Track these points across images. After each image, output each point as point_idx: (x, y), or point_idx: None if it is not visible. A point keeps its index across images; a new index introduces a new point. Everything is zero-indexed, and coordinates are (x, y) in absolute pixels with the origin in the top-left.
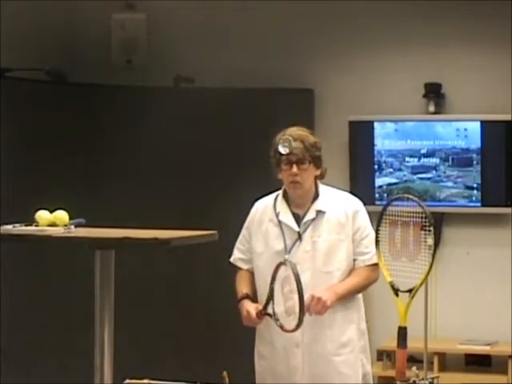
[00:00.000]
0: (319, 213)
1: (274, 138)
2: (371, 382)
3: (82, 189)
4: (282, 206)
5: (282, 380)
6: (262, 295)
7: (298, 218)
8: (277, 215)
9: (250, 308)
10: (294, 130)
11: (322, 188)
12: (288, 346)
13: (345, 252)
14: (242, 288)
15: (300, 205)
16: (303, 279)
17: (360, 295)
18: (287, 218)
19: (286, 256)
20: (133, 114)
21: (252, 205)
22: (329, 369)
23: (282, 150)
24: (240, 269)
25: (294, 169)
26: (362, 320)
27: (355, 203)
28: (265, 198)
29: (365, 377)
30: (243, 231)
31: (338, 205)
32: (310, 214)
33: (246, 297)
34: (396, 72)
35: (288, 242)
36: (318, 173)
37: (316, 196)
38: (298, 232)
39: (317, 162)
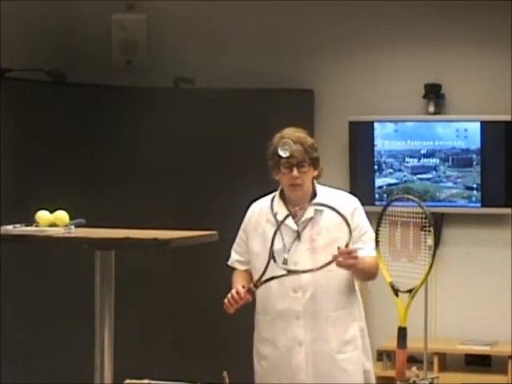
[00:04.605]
0: (317, 211)
1: (272, 139)
2: (373, 379)
3: (82, 189)
4: (279, 206)
5: (286, 380)
6: (259, 294)
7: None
8: (274, 215)
9: (238, 287)
10: (292, 132)
11: (319, 187)
12: (290, 345)
13: None
14: (238, 283)
15: (297, 205)
16: (304, 278)
17: (359, 293)
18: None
19: (286, 255)
20: (133, 114)
21: (249, 206)
22: (333, 367)
23: (282, 153)
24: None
25: (295, 172)
26: (363, 318)
27: (353, 201)
28: (260, 200)
29: (365, 374)
30: (240, 233)
31: (336, 203)
32: (308, 213)
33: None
34: (396, 72)
35: (286, 240)
36: (315, 173)
37: (314, 195)
38: (297, 231)
39: (315, 163)
